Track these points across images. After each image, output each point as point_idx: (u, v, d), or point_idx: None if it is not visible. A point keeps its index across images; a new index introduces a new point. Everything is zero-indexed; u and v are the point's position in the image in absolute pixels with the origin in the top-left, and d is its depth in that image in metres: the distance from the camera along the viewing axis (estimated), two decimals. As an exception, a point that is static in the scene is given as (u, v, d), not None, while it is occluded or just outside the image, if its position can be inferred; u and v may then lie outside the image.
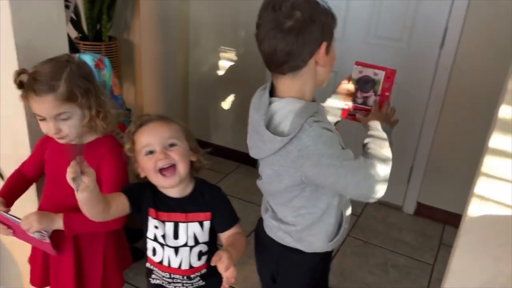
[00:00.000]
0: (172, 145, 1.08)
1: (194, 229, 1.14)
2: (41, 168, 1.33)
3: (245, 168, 3.10)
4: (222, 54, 2.99)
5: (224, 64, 3.01)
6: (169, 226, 1.13)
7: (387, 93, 1.20)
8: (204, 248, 1.16)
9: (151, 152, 1.07)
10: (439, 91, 2.38)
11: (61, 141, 1.21)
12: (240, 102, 3.05)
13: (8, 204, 1.28)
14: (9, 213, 1.22)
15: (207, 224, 1.14)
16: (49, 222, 1.17)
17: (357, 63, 1.21)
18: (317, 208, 1.11)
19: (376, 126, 1.12)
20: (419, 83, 2.41)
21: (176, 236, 1.14)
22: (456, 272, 0.96)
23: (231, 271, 0.99)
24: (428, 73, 2.38)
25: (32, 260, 1.42)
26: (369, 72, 1.20)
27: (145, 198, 1.13)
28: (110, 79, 1.51)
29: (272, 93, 1.07)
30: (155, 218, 1.13)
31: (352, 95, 1.23)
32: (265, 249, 1.26)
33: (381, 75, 1.19)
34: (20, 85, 1.18)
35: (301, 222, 1.13)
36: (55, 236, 1.24)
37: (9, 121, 1.41)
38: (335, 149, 1.00)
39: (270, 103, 1.04)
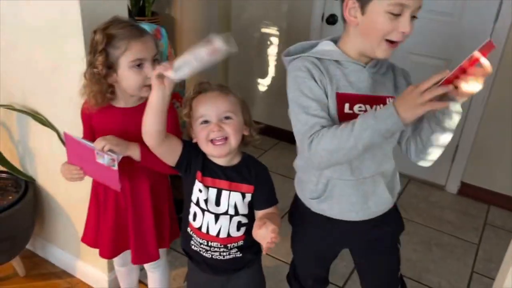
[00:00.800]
0: (227, 118, 1.10)
1: (235, 199, 1.16)
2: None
3: (284, 144, 3.11)
4: (263, 30, 2.97)
5: (265, 40, 2.99)
6: (212, 192, 1.15)
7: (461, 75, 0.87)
8: (243, 219, 1.18)
9: (206, 122, 1.10)
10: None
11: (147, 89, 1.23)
12: (280, 79, 3.04)
13: None
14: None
15: (248, 196, 1.16)
16: (124, 146, 1.19)
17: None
18: (303, 156, 1.15)
19: (379, 111, 0.94)
20: (470, 59, 2.34)
21: (218, 203, 1.15)
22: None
23: (276, 234, 0.99)
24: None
25: (90, 238, 1.44)
26: None
27: (197, 159, 1.16)
28: (166, 49, 1.53)
29: None
30: (200, 182, 1.15)
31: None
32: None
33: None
34: (109, 37, 1.19)
35: (296, 164, 1.23)
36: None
37: (72, 78, 1.45)
38: (295, 88, 1.04)
39: None
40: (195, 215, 1.19)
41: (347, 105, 1.04)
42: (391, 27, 0.98)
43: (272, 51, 2.99)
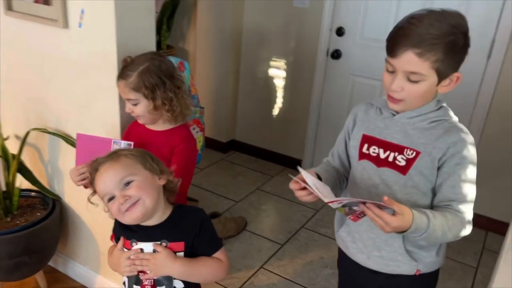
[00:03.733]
0: (128, 183, 1.05)
1: None
2: None
3: (289, 171, 3.23)
4: (272, 63, 3.17)
5: (273, 73, 3.18)
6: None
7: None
8: (180, 284, 1.11)
9: (111, 198, 1.06)
10: (485, 102, 2.46)
11: (139, 120, 1.44)
12: (285, 110, 3.21)
13: None
14: None
15: (180, 255, 1.08)
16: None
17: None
18: None
19: None
20: (465, 94, 2.49)
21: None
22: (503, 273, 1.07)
23: (144, 261, 1.05)
24: (474, 84, 2.46)
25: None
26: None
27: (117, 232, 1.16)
28: (188, 80, 1.70)
29: None
30: (127, 248, 1.12)
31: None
32: None
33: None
34: None
35: None
36: None
37: (104, 105, 1.62)
38: None
39: None
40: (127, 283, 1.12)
41: None
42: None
43: (280, 84, 3.18)
